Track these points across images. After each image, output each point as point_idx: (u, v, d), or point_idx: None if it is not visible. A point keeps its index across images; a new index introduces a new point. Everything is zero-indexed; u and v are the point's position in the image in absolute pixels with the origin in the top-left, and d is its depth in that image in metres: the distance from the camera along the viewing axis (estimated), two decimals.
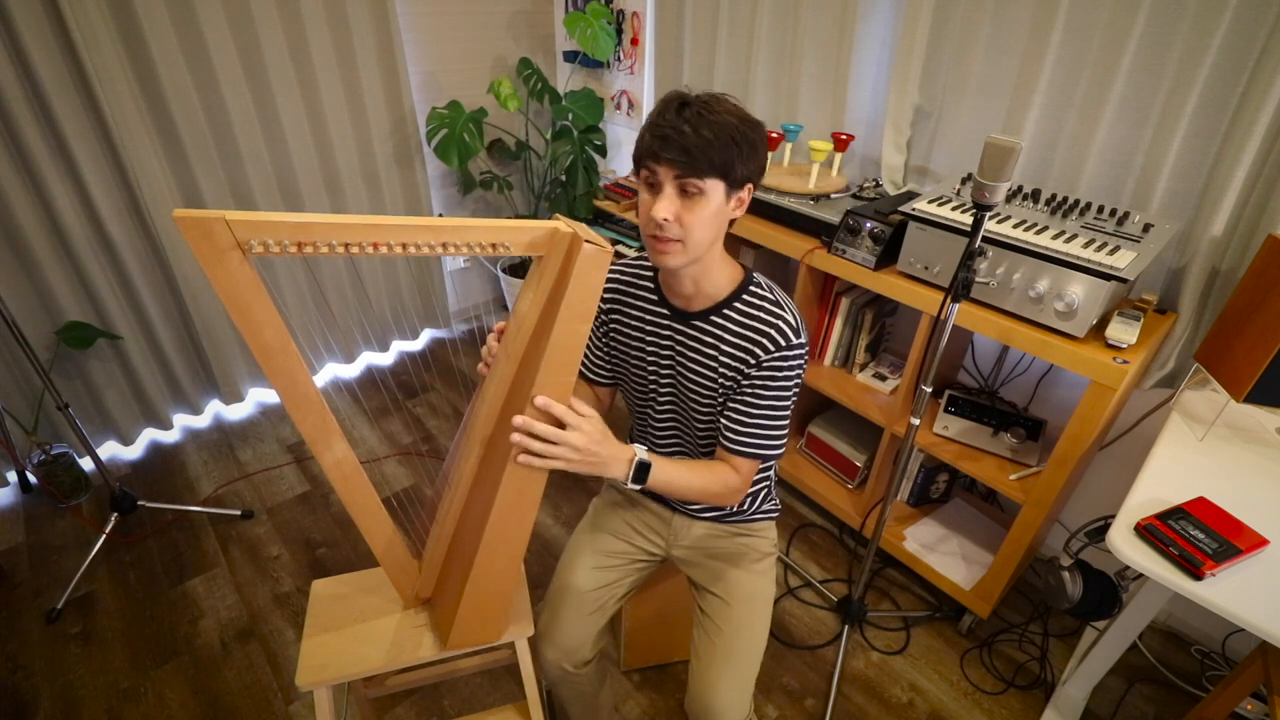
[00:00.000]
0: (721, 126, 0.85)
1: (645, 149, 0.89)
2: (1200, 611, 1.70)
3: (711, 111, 0.86)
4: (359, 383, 2.68)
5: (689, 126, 0.84)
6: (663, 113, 0.87)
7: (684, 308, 1.04)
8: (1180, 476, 1.14)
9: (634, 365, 1.12)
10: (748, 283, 1.01)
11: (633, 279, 1.10)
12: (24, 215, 1.81)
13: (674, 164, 0.86)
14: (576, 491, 2.16)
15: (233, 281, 0.69)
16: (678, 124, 0.85)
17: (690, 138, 0.84)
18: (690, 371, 1.05)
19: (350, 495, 0.89)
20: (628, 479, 0.91)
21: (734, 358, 1.00)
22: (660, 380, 1.10)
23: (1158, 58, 1.34)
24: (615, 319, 1.12)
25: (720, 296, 1.01)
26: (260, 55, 2.03)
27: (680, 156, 0.85)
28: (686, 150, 0.85)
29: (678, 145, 0.85)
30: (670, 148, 0.85)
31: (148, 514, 2.00)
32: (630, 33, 2.48)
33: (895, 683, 1.61)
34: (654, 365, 1.09)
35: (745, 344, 0.99)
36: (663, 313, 1.06)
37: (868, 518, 1.88)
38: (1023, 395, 1.80)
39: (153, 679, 1.56)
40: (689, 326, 1.03)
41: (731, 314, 1.00)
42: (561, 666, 1.15)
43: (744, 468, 1.03)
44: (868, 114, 1.89)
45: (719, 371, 1.02)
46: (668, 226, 0.89)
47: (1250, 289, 1.19)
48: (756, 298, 1.00)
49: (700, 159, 0.85)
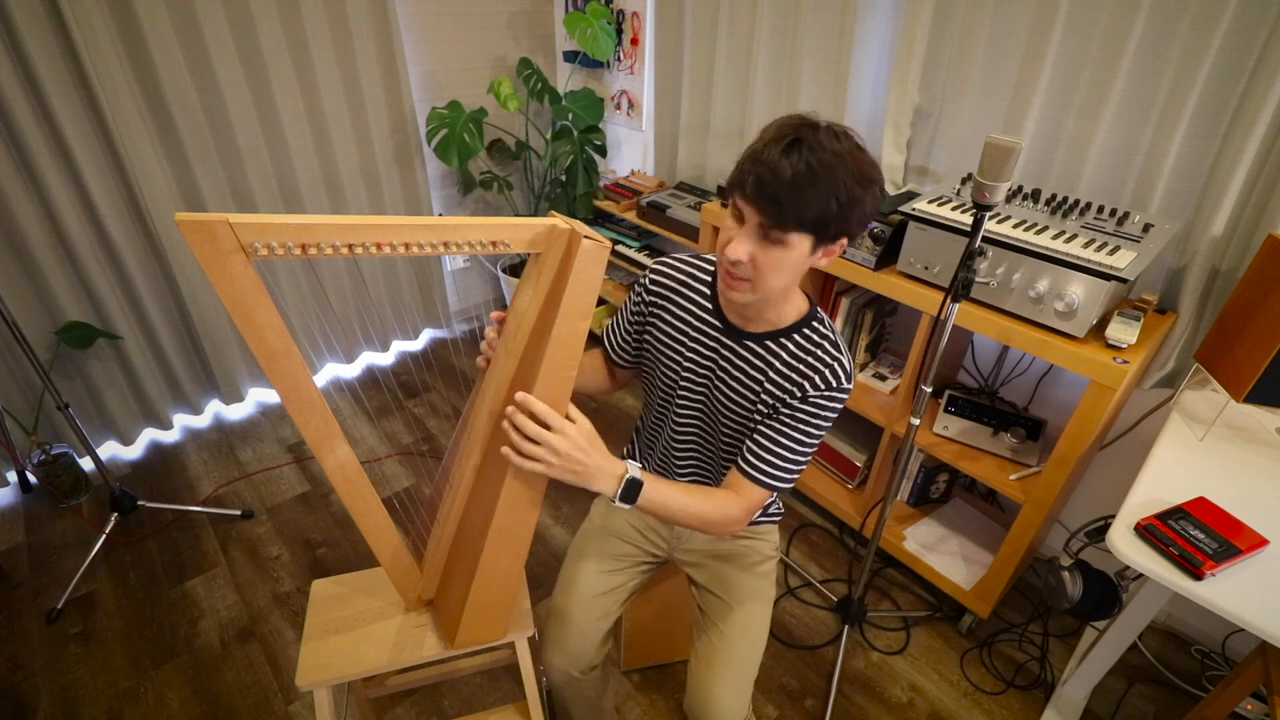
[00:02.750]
0: (829, 183, 0.76)
1: (738, 181, 0.81)
2: (1200, 611, 1.70)
3: (823, 160, 0.76)
4: (359, 382, 2.68)
5: (790, 172, 0.75)
6: (771, 146, 0.77)
7: (740, 326, 0.99)
8: (1180, 476, 1.14)
9: (665, 366, 1.08)
10: (812, 317, 0.97)
11: (688, 280, 1.05)
12: (24, 215, 1.81)
13: (762, 211, 0.79)
14: (577, 492, 2.16)
15: (236, 285, 0.68)
16: (779, 166, 0.76)
17: (786, 188, 0.76)
18: (730, 389, 1.01)
19: (353, 499, 0.89)
20: (615, 496, 0.86)
21: (781, 387, 0.96)
22: (693, 389, 1.06)
23: (1158, 58, 1.34)
24: (657, 315, 1.08)
25: (783, 324, 0.97)
26: (260, 55, 2.03)
27: (770, 206, 0.78)
28: (778, 201, 0.77)
29: (771, 193, 0.77)
30: (763, 193, 0.77)
31: (148, 514, 2.00)
32: (630, 33, 2.48)
33: (895, 683, 1.62)
34: (689, 374, 1.05)
35: (796, 375, 0.95)
36: (715, 324, 1.01)
37: (868, 518, 1.88)
38: (1023, 395, 1.80)
39: (153, 679, 1.56)
40: (740, 345, 0.99)
41: (789, 344, 0.96)
42: (568, 673, 1.14)
43: (753, 496, 0.96)
44: (868, 114, 1.89)
45: (761, 397, 0.98)
46: (740, 267, 0.84)
47: (1250, 289, 1.19)
48: (818, 334, 0.96)
49: (789, 213, 0.78)
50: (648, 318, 1.09)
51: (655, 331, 1.08)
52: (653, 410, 1.17)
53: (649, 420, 1.19)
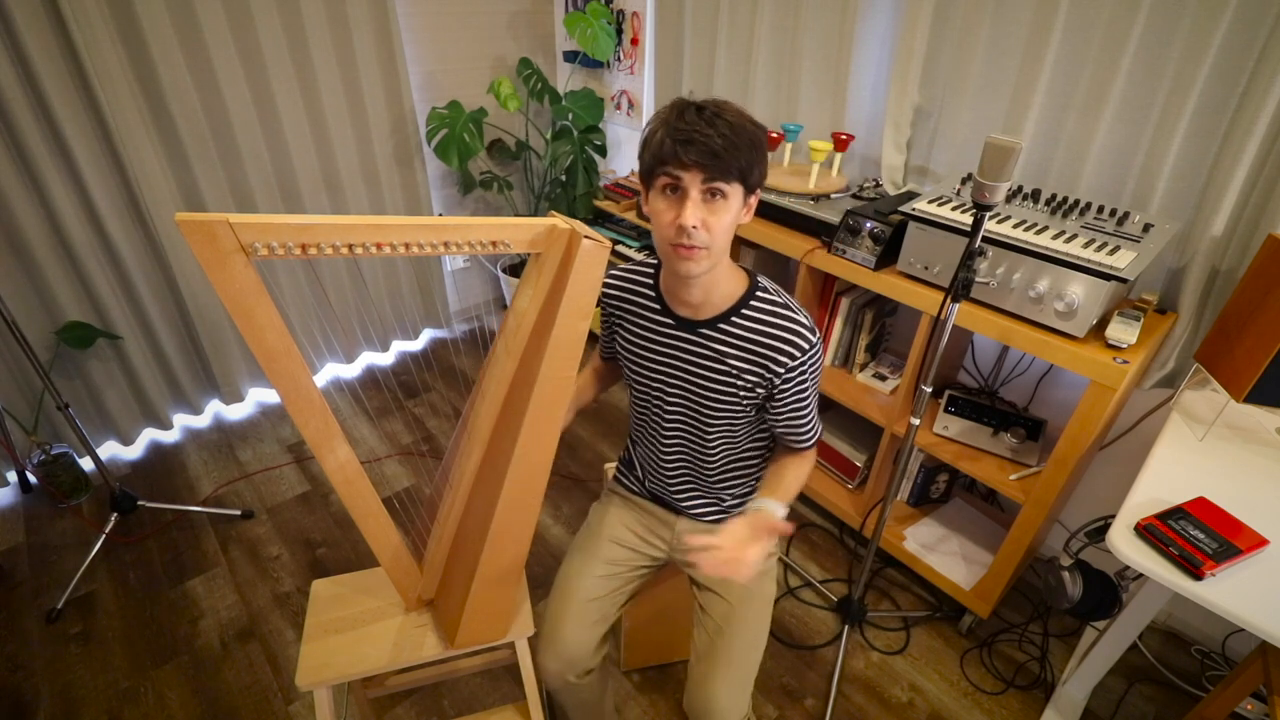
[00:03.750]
0: (740, 129, 0.83)
1: (666, 153, 0.84)
2: (1200, 611, 1.70)
3: (730, 120, 0.83)
4: (359, 382, 2.68)
5: (712, 129, 0.82)
6: (680, 115, 0.84)
7: (691, 317, 1.02)
8: (1180, 476, 1.14)
9: (638, 371, 1.10)
10: (754, 287, 1.01)
11: (631, 287, 1.08)
12: (24, 215, 1.81)
13: (702, 167, 0.83)
14: (577, 492, 2.16)
15: (236, 285, 0.69)
16: (700, 126, 0.82)
17: (716, 140, 0.82)
18: (706, 381, 1.03)
19: (353, 499, 0.89)
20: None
21: (754, 365, 0.99)
22: (667, 389, 1.08)
23: (1158, 58, 1.34)
24: (619, 325, 1.12)
25: (729, 304, 1.00)
26: (260, 55, 2.03)
27: (708, 159, 0.82)
28: (714, 153, 0.82)
29: (705, 148, 0.82)
30: (697, 150, 0.82)
31: (148, 514, 2.00)
32: (630, 33, 2.48)
33: (895, 683, 1.62)
34: (661, 375, 1.08)
35: (766, 351, 0.98)
36: (667, 323, 1.04)
37: (868, 518, 1.88)
38: (1023, 395, 1.80)
39: (153, 679, 1.56)
40: (697, 335, 1.02)
41: (742, 321, 0.99)
42: (565, 678, 1.13)
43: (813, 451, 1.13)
44: (868, 114, 1.89)
45: (739, 380, 1.01)
46: (696, 234, 0.86)
47: (1250, 289, 1.19)
48: (764, 302, 0.99)
49: (728, 161, 0.83)
50: (613, 328, 1.14)
51: (621, 340, 1.12)
52: (637, 417, 1.19)
53: (637, 424, 1.21)
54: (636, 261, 1.11)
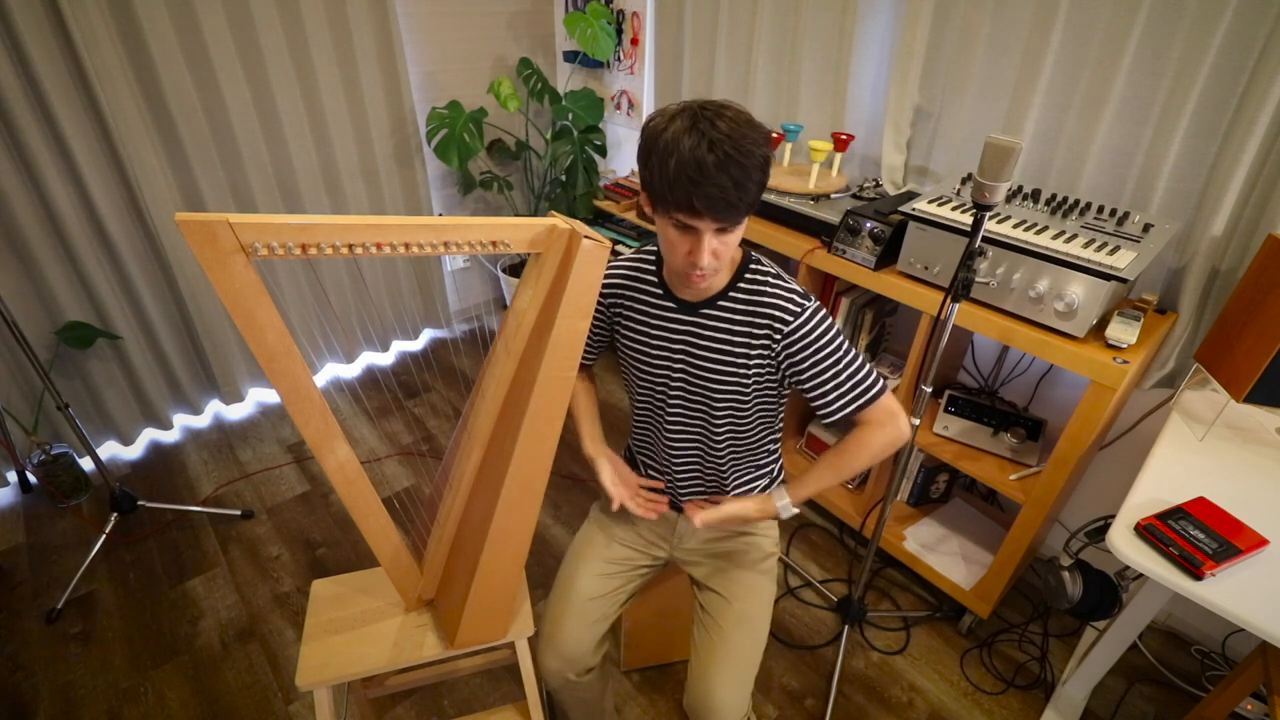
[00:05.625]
0: (749, 163, 0.83)
1: (682, 202, 0.84)
2: (1200, 611, 1.70)
3: (743, 151, 0.81)
4: (359, 382, 2.68)
5: (730, 181, 0.82)
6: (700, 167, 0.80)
7: (693, 299, 1.04)
8: (1180, 476, 1.14)
9: (642, 360, 1.11)
10: (747, 262, 1.04)
11: (634, 275, 1.10)
12: (24, 215, 1.81)
13: (716, 217, 0.85)
14: (576, 492, 2.16)
15: (236, 285, 0.69)
16: (720, 181, 0.81)
17: (732, 194, 0.82)
18: (708, 359, 1.05)
19: (353, 499, 0.89)
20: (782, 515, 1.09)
21: (753, 334, 1.01)
22: (671, 373, 1.09)
23: (1158, 58, 1.34)
24: (620, 316, 1.12)
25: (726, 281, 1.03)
26: (260, 55, 2.03)
27: (727, 212, 0.85)
28: (732, 206, 0.84)
29: (720, 201, 0.83)
30: (710, 203, 0.83)
31: (148, 514, 2.00)
32: (630, 33, 2.48)
33: (895, 683, 1.62)
34: (664, 359, 1.09)
35: (761, 318, 1.00)
36: (669, 306, 1.06)
37: (868, 518, 1.88)
38: (1023, 395, 1.80)
39: (153, 679, 1.56)
40: (699, 316, 1.04)
41: (738, 294, 1.02)
42: (565, 676, 1.14)
43: (878, 415, 1.04)
44: (868, 114, 1.89)
45: (742, 351, 1.03)
46: (709, 264, 0.90)
47: (1250, 289, 1.19)
48: (756, 274, 1.03)
49: (740, 207, 0.85)
50: (612, 321, 1.14)
51: (623, 332, 1.12)
52: (639, 412, 1.19)
53: (639, 421, 1.21)
54: (637, 252, 1.12)
